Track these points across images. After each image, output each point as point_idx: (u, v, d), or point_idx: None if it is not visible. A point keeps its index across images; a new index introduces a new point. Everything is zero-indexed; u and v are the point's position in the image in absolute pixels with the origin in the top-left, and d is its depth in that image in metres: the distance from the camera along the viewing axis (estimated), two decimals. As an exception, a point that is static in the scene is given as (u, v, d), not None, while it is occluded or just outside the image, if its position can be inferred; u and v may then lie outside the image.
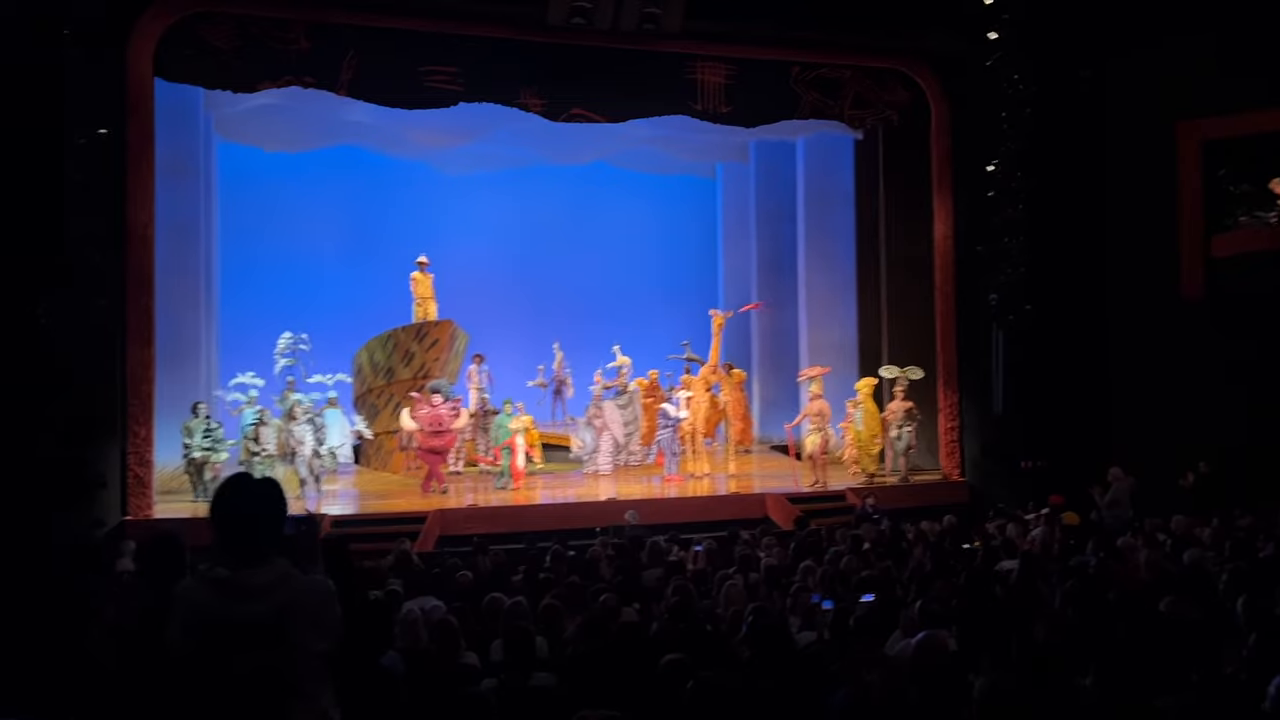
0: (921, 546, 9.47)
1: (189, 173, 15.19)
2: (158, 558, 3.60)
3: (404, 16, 13.36)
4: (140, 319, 12.48)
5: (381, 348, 16.68)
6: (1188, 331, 13.88)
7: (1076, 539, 9.55)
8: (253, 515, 2.69)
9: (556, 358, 19.72)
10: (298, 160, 19.52)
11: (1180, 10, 13.68)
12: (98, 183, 11.67)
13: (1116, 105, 14.60)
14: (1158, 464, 12.63)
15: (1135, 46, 14.24)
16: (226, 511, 2.69)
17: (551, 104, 14.16)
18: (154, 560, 3.62)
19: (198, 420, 13.64)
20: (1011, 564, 8.23)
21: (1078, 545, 9.16)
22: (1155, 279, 14.30)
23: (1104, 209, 14.70)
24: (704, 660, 4.68)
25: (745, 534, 10.33)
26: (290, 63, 13.13)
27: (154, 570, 3.58)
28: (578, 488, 15.07)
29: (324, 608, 2.64)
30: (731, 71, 14.74)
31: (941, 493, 14.51)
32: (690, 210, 22.47)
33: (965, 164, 15.14)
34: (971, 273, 15.05)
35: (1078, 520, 11.12)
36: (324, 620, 2.62)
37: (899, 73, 15.38)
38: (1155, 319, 14.22)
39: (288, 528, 2.80)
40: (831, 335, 18.13)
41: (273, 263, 19.31)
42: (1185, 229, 14.16)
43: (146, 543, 3.68)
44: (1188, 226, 14.15)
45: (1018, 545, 9.29)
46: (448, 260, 18.31)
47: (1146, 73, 14.32)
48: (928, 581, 7.26)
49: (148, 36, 12.49)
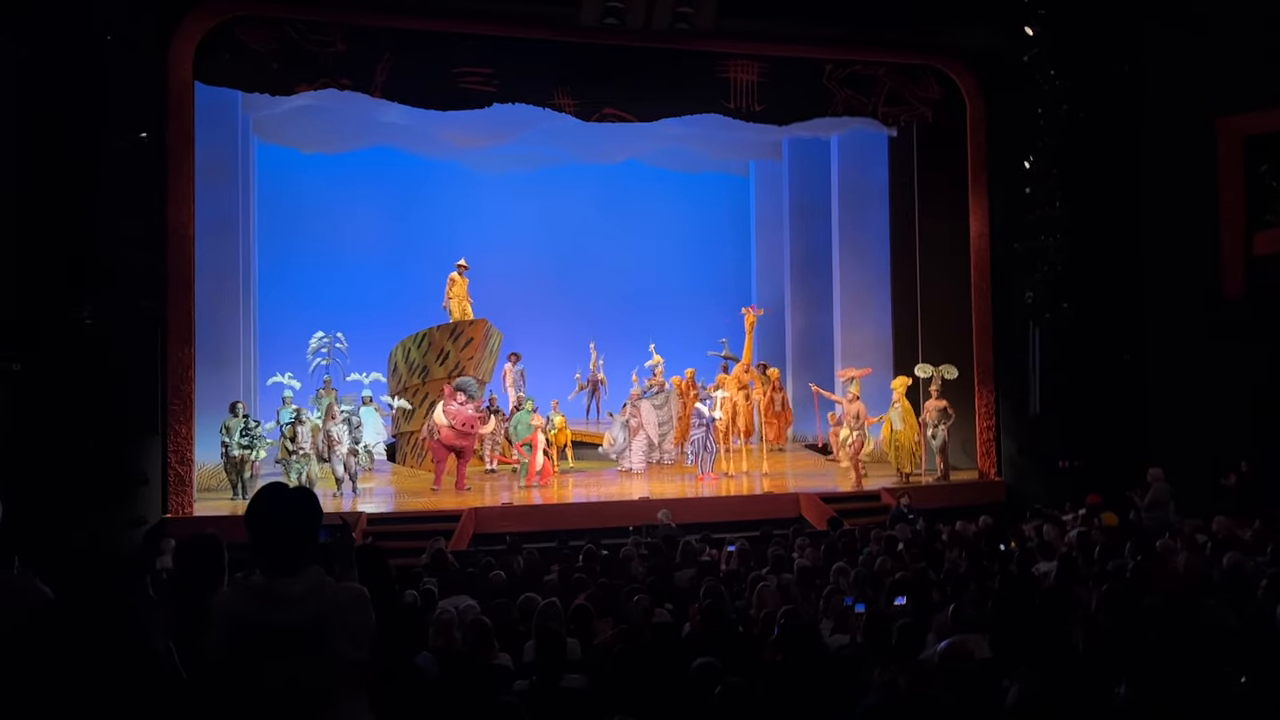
0: (956, 548, 9.41)
1: (228, 174, 15.40)
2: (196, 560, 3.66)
3: (438, 18, 13.46)
4: (181, 319, 12.68)
5: (416, 346, 16.82)
6: (1228, 329, 13.65)
7: (1114, 541, 9.44)
8: (288, 524, 2.73)
9: (592, 357, 19.78)
10: (335, 161, 19.73)
11: (1220, 4, 13.46)
12: (139, 185, 11.86)
13: (1154, 101, 14.37)
14: (1198, 464, 12.44)
15: (1174, 41, 14.01)
16: (262, 520, 2.74)
17: (584, 104, 14.21)
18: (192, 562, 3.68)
19: (236, 419, 13.86)
20: (1049, 566, 8.16)
21: (1115, 547, 9.04)
22: (1195, 277, 14.08)
23: (1141, 206, 14.49)
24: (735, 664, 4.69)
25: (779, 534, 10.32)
26: (327, 65, 13.28)
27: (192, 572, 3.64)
28: (611, 486, 15.11)
29: (359, 615, 2.68)
30: (764, 69, 14.69)
31: (977, 492, 14.39)
32: (723, 208, 22.43)
33: (1001, 161, 15.00)
34: (1008, 270, 14.91)
35: (1116, 521, 11.00)
36: (359, 627, 2.66)
37: (933, 69, 15.26)
38: (1194, 317, 14.00)
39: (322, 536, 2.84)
40: (866, 334, 18.03)
41: (310, 263, 19.54)
42: (1226, 226, 13.92)
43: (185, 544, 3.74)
44: (1229, 223, 13.92)
45: (1056, 547, 9.20)
46: (481, 260, 18.43)
47: (1185, 67, 14.08)
48: (962, 584, 7.21)
49: (188, 40, 12.68)
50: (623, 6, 13.18)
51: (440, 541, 9.93)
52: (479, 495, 14.17)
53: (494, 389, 17.33)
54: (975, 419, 15.28)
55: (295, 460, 13.71)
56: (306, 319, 17.88)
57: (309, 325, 17.30)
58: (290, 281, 19.06)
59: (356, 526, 11.60)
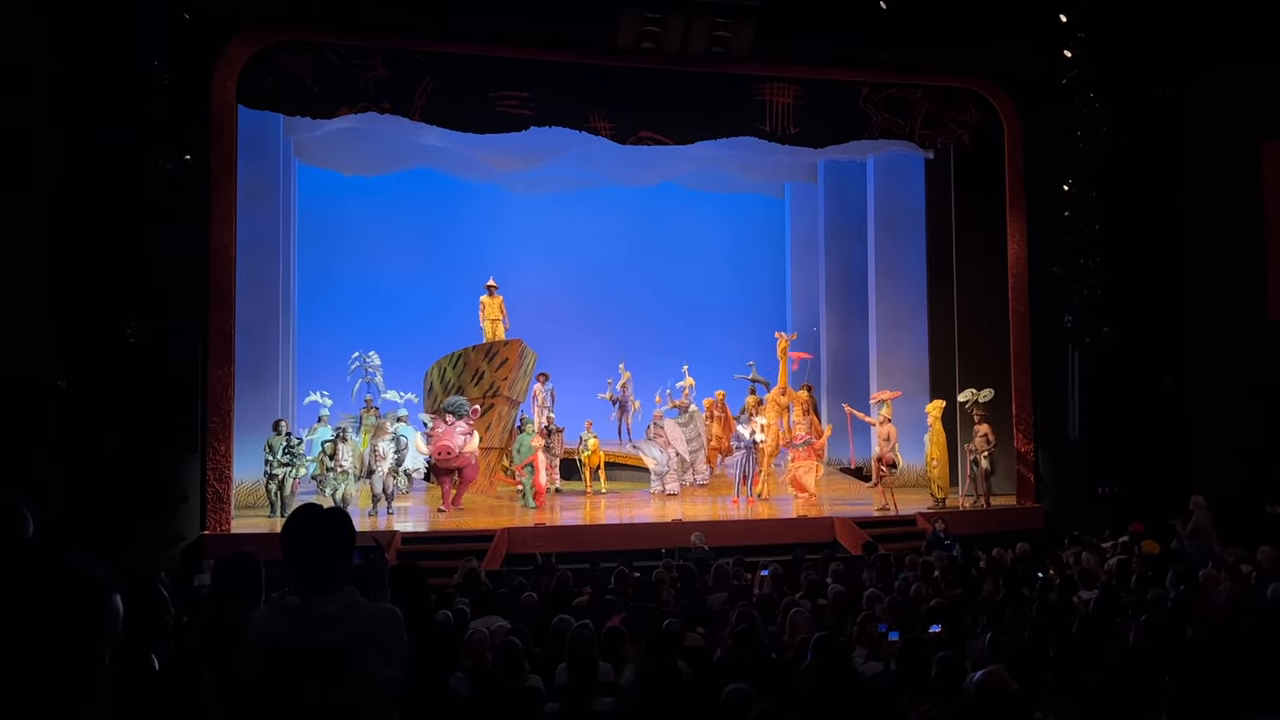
0: (993, 575, 9.29)
1: (269, 195, 15.66)
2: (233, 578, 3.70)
3: (476, 43, 13.63)
4: (221, 338, 12.87)
5: (452, 366, 16.92)
6: (1273, 353, 13.42)
7: (1156, 570, 9.27)
8: (322, 545, 2.76)
9: (622, 377, 19.81)
10: (374, 183, 20.00)
11: (1265, 27, 13.31)
12: (182, 206, 12.09)
13: (1197, 124, 14.21)
14: (1242, 491, 12.21)
15: (1217, 65, 13.86)
16: (296, 540, 2.77)
17: (620, 127, 14.30)
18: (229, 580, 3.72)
19: (279, 437, 14.01)
20: (1089, 595, 8.03)
21: (1157, 576, 8.89)
22: (1238, 300, 13.86)
23: (1183, 229, 14.29)
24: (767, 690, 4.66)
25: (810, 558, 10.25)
26: (367, 89, 13.49)
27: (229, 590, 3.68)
28: (644, 508, 15.10)
29: (391, 636, 2.70)
30: (800, 92, 14.71)
31: (1015, 518, 14.22)
32: (759, 230, 22.45)
33: (1039, 184, 14.90)
34: (1046, 294, 14.78)
35: (1157, 549, 10.81)
36: (391, 649, 2.68)
37: (970, 92, 15.21)
38: (1238, 341, 13.76)
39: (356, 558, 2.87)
40: (901, 357, 17.92)
41: (348, 283, 19.78)
42: (1271, 250, 13.71)
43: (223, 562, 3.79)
44: (1273, 248, 13.70)
45: (1096, 575, 9.05)
46: (517, 280, 18.57)
47: (1230, 92, 13.92)
48: (999, 612, 7.12)
49: (232, 65, 12.94)
50: (659, 30, 13.27)
51: (473, 561, 9.96)
52: (510, 515, 14.21)
53: (525, 409, 17.39)
54: (1013, 444, 15.11)
55: (332, 477, 13.80)
56: (344, 338, 18.10)
57: (346, 345, 17.51)
58: (329, 301, 19.30)
59: (390, 546, 11.67)
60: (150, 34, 11.69)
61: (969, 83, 15.14)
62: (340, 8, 13.00)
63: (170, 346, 11.83)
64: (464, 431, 14.44)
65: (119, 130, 11.37)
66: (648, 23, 13.13)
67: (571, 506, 15.04)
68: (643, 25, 13.19)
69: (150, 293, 11.64)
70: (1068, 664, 4.83)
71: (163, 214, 11.79)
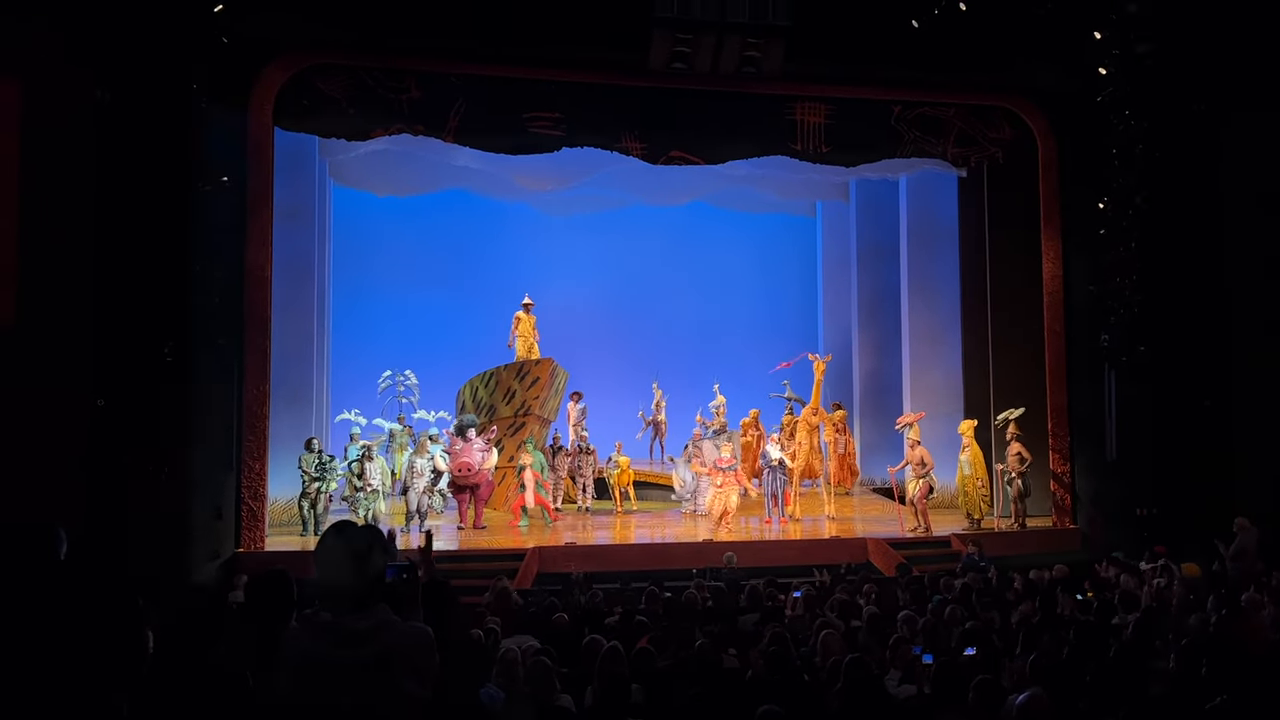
0: (1029, 597, 9.16)
1: (305, 216, 15.83)
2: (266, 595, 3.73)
3: (508, 65, 13.76)
4: (257, 357, 13.03)
5: (484, 385, 17.02)
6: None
7: (1197, 593, 9.11)
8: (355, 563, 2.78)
9: (655, 396, 19.82)
10: (407, 204, 20.20)
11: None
12: (220, 227, 12.28)
13: (1234, 140, 14.04)
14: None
15: (1255, 79, 13.71)
16: (330, 558, 2.80)
17: (651, 147, 14.36)
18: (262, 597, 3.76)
19: (311, 455, 14.12)
20: (1128, 618, 7.91)
21: (1198, 600, 8.73)
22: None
23: (1222, 245, 14.11)
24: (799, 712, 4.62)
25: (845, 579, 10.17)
26: (401, 111, 13.65)
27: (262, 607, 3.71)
28: (675, 527, 15.06)
29: (423, 654, 2.72)
30: (831, 111, 14.71)
31: (1052, 540, 14.04)
32: (790, 249, 22.42)
33: (1075, 202, 14.79)
34: (1082, 312, 14.65)
35: (1199, 572, 10.61)
36: (423, 666, 2.70)
37: (1004, 110, 15.14)
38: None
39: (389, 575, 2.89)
40: (935, 377, 17.76)
41: (381, 302, 19.96)
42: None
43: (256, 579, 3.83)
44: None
45: (1136, 597, 8.91)
46: (549, 300, 18.66)
47: (1269, 106, 13.76)
48: (1035, 634, 7.02)
49: (268, 89, 13.15)
50: (690, 51, 13.34)
51: (504, 580, 9.97)
52: (539, 534, 14.22)
53: (559, 427, 17.44)
54: (1049, 465, 14.94)
55: (364, 497, 13.89)
56: (377, 358, 18.27)
57: (379, 364, 17.67)
58: (362, 321, 19.48)
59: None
60: (190, 57, 11.90)
61: (1002, 100, 15.08)
62: (374, 32, 13.18)
63: (207, 366, 11.98)
64: (482, 449, 14.62)
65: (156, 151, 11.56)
66: (679, 44, 13.21)
67: (602, 526, 15.03)
68: (674, 46, 13.27)
69: (187, 313, 11.80)
70: (1106, 689, 4.76)
71: (200, 235, 11.96)
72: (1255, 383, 13.80)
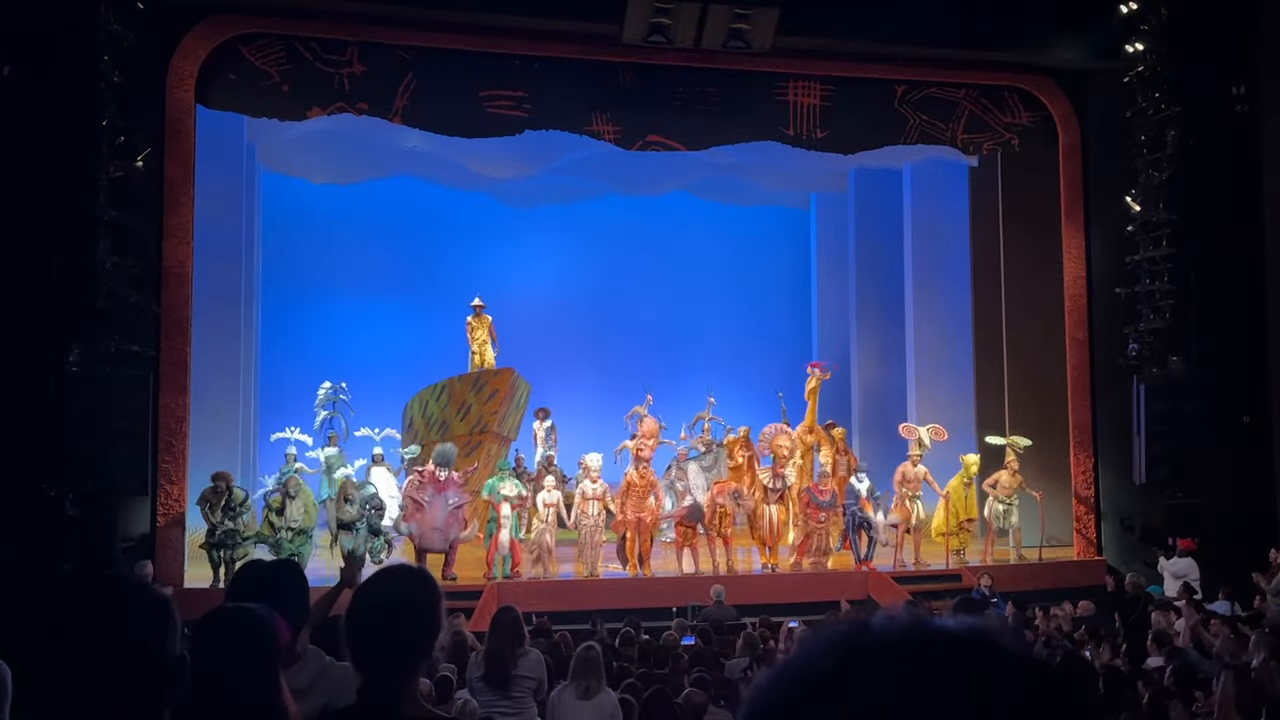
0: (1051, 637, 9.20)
1: (230, 206, 15.67)
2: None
3: (464, 34, 13.70)
4: (175, 365, 12.88)
5: (435, 399, 16.85)
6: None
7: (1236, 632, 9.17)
8: (279, 605, 2.70)
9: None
10: (348, 192, 20.04)
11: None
12: (133, 217, 12.10)
13: (1277, 128, 14.21)
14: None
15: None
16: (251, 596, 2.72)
17: (626, 131, 14.36)
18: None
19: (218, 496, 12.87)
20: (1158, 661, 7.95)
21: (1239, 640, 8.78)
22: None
23: (1262, 245, 14.27)
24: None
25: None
26: (343, 88, 13.56)
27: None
28: (653, 559, 14.95)
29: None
30: (827, 92, 14.77)
31: (1074, 573, 14.10)
32: (781, 245, 22.44)
33: (1099, 194, 14.92)
34: (1108, 318, 14.77)
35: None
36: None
37: (1020, 91, 15.26)
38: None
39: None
40: (943, 389, 17.82)
41: (319, 304, 19.77)
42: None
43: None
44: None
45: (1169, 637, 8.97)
46: (510, 302, 18.53)
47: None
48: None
49: (190, 59, 13.02)
50: (670, 22, 13.35)
51: (460, 620, 9.87)
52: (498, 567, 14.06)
53: (521, 448, 17.30)
54: (1071, 489, 15.01)
55: (288, 540, 12.83)
56: (314, 366, 18.04)
57: (317, 373, 17.45)
58: (297, 325, 19.29)
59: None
60: (98, 25, 11.73)
61: (1018, 81, 15.19)
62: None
63: (117, 375, 11.79)
64: (456, 499, 13.27)
65: (61, 131, 11.41)
66: (658, 13, 13.21)
67: (569, 559, 14.90)
68: (652, 16, 13.27)
69: (95, 314, 11.61)
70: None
71: (110, 226, 11.80)
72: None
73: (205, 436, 14.11)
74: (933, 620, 0.99)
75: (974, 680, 0.93)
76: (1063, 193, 15.30)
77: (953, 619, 0.99)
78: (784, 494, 14.26)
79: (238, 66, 13.31)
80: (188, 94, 13.05)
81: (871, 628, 0.97)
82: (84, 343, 11.47)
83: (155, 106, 12.71)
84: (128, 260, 11.99)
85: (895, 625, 0.97)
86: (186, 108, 13.07)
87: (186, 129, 13.08)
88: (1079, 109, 15.20)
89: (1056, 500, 15.04)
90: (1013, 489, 14.44)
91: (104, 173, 11.77)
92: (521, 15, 13.47)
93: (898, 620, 0.97)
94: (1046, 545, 14.67)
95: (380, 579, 2.63)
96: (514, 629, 6.15)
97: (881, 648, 0.96)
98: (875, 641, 0.96)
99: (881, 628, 0.97)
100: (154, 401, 12.64)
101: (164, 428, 12.78)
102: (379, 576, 2.66)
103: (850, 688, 0.93)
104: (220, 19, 13.15)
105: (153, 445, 12.61)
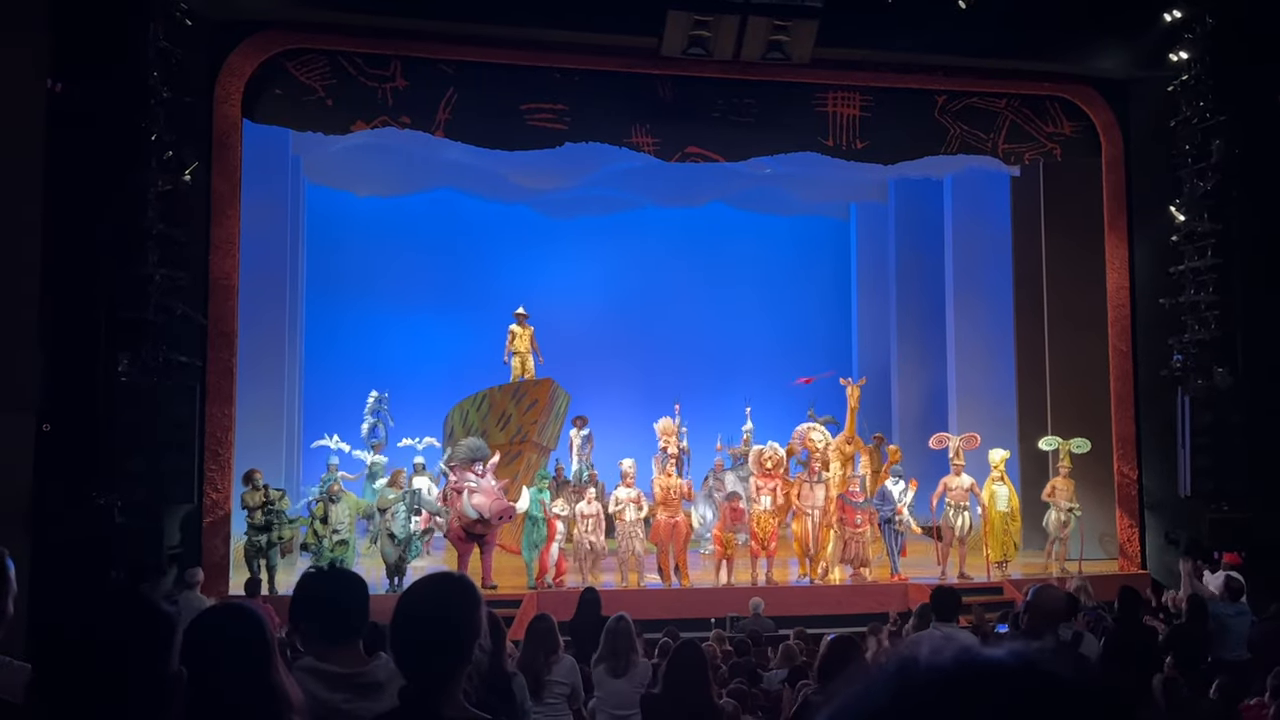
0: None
1: (276, 219, 15.86)
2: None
3: (506, 49, 13.80)
4: (221, 376, 13.03)
5: (475, 409, 16.93)
6: None
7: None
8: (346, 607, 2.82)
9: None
10: (391, 205, 20.22)
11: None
12: (181, 231, 12.28)
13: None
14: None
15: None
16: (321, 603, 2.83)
17: (665, 143, 14.39)
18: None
19: (254, 492, 13.07)
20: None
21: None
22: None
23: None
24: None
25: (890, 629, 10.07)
26: (385, 102, 13.70)
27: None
28: (693, 570, 14.93)
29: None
30: (867, 102, 14.73)
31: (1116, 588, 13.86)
32: (821, 256, 22.39)
33: (1143, 204, 14.77)
34: (1152, 329, 14.60)
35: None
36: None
37: (1062, 100, 15.14)
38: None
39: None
40: (985, 400, 17.68)
41: (363, 315, 19.94)
42: None
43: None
44: None
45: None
46: (549, 312, 18.59)
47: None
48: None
49: (237, 76, 13.21)
50: (710, 34, 13.37)
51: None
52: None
53: (560, 457, 17.35)
54: (1114, 502, 14.83)
55: (328, 546, 12.89)
56: (357, 376, 18.20)
57: (360, 383, 17.61)
58: (340, 335, 19.47)
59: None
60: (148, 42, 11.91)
61: (1060, 90, 15.07)
62: (356, 13, 13.24)
63: (165, 385, 11.94)
64: (497, 485, 13.29)
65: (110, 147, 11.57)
66: (697, 26, 13.24)
67: (609, 569, 14.90)
68: (692, 29, 13.30)
69: (144, 326, 11.77)
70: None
71: (159, 239, 11.97)
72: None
73: (250, 445, 14.26)
74: (980, 651, 0.98)
75: (1024, 714, 0.93)
76: (1106, 203, 15.16)
77: (1003, 647, 0.99)
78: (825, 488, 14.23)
79: (283, 81, 13.48)
80: (234, 109, 13.23)
81: (919, 663, 0.97)
82: (133, 354, 11.62)
83: (203, 121, 12.89)
84: (176, 272, 12.15)
85: (942, 660, 0.97)
86: (233, 122, 13.25)
87: (233, 143, 13.26)
88: (1122, 119, 15.05)
89: (1101, 512, 14.86)
90: (1071, 493, 14.32)
91: (153, 187, 11.94)
92: (562, 29, 13.54)
93: (944, 655, 0.97)
94: (1104, 557, 14.56)
95: (422, 585, 2.72)
96: (548, 636, 6.19)
97: (930, 685, 0.95)
98: (924, 679, 0.96)
99: (929, 663, 0.97)
100: (200, 411, 12.79)
101: (210, 437, 12.93)
102: (421, 583, 2.75)
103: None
104: (266, 35, 13.33)
105: (199, 454, 12.77)
